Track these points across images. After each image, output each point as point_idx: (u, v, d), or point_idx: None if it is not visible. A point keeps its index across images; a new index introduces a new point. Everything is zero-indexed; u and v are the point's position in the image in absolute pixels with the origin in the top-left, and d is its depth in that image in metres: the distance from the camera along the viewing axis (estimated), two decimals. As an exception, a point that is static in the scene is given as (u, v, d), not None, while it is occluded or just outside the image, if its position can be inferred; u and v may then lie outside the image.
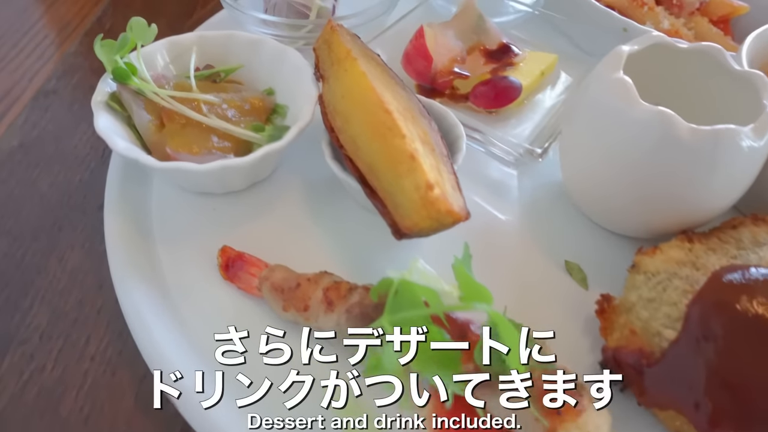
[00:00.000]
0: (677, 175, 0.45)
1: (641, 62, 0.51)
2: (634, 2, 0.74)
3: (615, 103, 0.47)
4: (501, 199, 0.60)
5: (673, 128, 0.44)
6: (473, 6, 0.70)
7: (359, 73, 0.52)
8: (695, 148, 0.44)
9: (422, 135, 0.49)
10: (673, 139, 0.44)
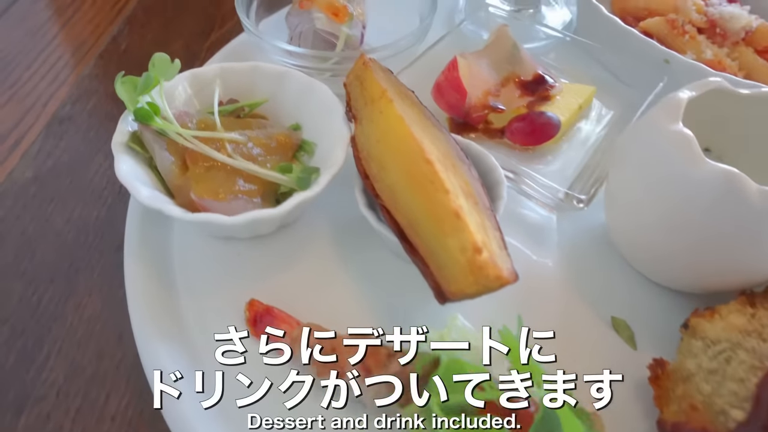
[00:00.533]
0: (741, 237, 0.42)
1: (697, 106, 0.48)
2: (674, 30, 0.70)
3: (674, 159, 0.44)
4: (539, 242, 0.57)
5: (741, 190, 0.41)
6: (507, 34, 0.67)
7: (396, 116, 0.49)
8: (764, 211, 0.41)
9: (464, 186, 0.46)
10: (741, 201, 0.41)
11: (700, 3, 0.71)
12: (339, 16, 0.63)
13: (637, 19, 0.77)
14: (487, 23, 0.75)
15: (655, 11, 0.75)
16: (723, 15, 0.69)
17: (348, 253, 0.54)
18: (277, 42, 0.62)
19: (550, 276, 0.54)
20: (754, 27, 0.69)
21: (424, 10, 0.70)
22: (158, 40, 0.81)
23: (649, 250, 0.49)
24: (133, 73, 0.76)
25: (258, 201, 0.52)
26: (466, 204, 0.44)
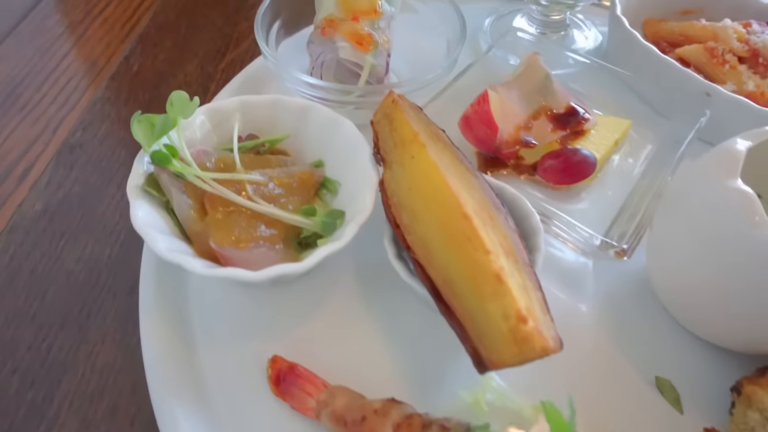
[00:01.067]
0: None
1: (752, 162, 0.45)
2: (713, 59, 0.67)
3: (733, 218, 0.41)
4: (573, 289, 0.54)
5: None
6: (539, 64, 0.64)
7: (430, 164, 0.46)
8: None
9: (503, 241, 0.43)
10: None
11: (742, 31, 0.68)
12: (364, 45, 0.60)
13: (671, 45, 0.74)
14: (514, 48, 0.72)
15: (693, 38, 0.72)
16: (766, 44, 0.65)
17: (375, 302, 0.51)
18: (299, 74, 0.59)
19: (586, 327, 0.51)
20: (798, 58, 0.65)
21: (452, 37, 0.67)
22: (171, 59, 0.78)
23: (697, 308, 0.46)
24: (146, 96, 0.74)
25: (280, 247, 0.49)
26: (507, 264, 0.41)
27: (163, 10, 0.85)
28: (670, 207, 0.48)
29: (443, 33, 0.69)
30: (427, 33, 0.70)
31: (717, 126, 0.64)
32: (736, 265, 0.41)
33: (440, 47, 0.70)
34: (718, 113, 0.62)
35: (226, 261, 0.47)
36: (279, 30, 0.68)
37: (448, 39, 0.68)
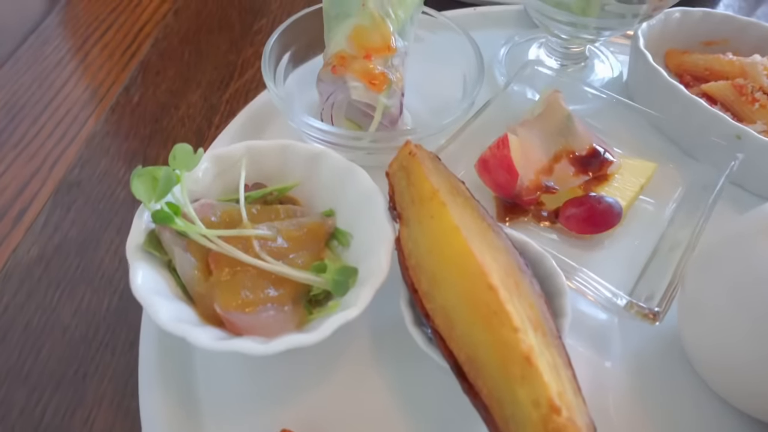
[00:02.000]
0: None
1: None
2: (742, 96, 0.64)
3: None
4: (599, 348, 0.51)
5: None
6: (560, 103, 0.61)
7: (452, 227, 0.43)
8: None
9: (530, 312, 0.40)
10: None
11: (772, 68, 0.65)
12: (377, 84, 0.57)
13: (695, 78, 0.71)
14: (532, 81, 0.69)
15: (719, 73, 0.69)
16: (797, 83, 0.62)
17: (391, 369, 0.48)
18: (309, 119, 0.56)
19: (611, 390, 0.48)
20: (833, 98, 0.62)
21: (468, 73, 0.64)
22: (174, 89, 0.75)
23: (735, 377, 0.43)
24: (146, 130, 0.70)
25: (289, 308, 0.46)
26: (537, 340, 0.38)
27: (165, 36, 0.83)
28: (706, 267, 0.45)
29: (458, 65, 0.67)
30: (439, 65, 0.67)
31: (749, 170, 0.61)
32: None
33: (454, 80, 0.67)
34: (750, 156, 0.59)
35: (232, 326, 0.44)
36: (288, 63, 0.65)
37: (464, 75, 0.65)
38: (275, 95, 0.58)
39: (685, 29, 0.73)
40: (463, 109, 0.59)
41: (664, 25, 0.72)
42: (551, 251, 0.51)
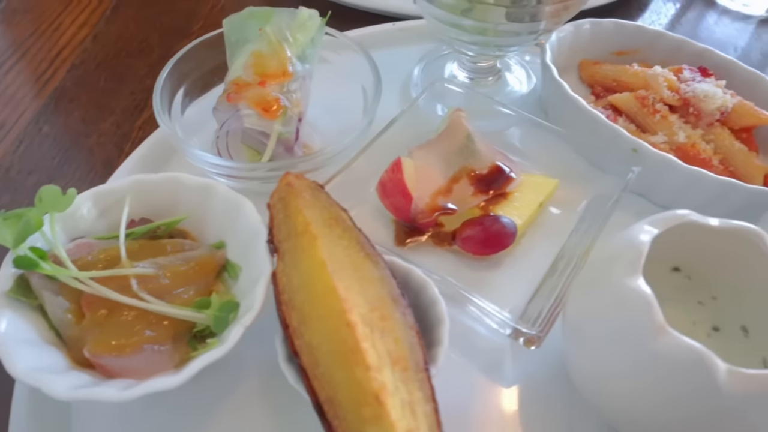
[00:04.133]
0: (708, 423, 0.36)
1: (668, 237, 0.42)
2: (644, 108, 0.64)
3: (632, 321, 0.38)
4: (492, 371, 0.51)
5: (706, 371, 0.34)
6: (461, 122, 0.61)
7: (319, 262, 0.43)
8: (735, 397, 0.35)
9: (393, 348, 0.40)
10: (706, 384, 0.35)
11: (673, 79, 0.65)
12: (270, 112, 0.57)
13: (606, 89, 0.72)
14: (443, 97, 0.69)
15: (625, 84, 0.69)
16: (697, 94, 0.62)
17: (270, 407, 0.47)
18: (201, 153, 0.55)
19: (501, 415, 0.48)
20: (730, 107, 0.63)
21: (369, 93, 0.63)
22: (87, 118, 0.74)
23: (611, 405, 0.43)
24: (53, 162, 0.69)
25: (167, 348, 0.46)
26: (393, 378, 0.38)
27: (82, 62, 0.82)
28: (582, 288, 0.45)
29: (359, 84, 0.66)
30: (346, 85, 0.67)
31: (650, 182, 0.61)
32: (636, 372, 0.38)
33: (359, 100, 0.67)
34: (647, 169, 0.59)
35: (104, 370, 0.43)
36: (191, 91, 0.65)
37: (366, 94, 0.65)
38: (166, 129, 0.57)
39: (597, 40, 0.74)
40: (361, 129, 0.59)
41: (575, 37, 0.72)
42: (445, 276, 0.51)
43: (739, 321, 0.46)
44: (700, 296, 0.48)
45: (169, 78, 0.61)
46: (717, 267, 0.46)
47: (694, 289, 0.48)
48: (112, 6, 0.90)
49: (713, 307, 0.47)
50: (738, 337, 0.46)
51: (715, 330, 0.46)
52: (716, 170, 0.61)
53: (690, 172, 0.57)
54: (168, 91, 0.61)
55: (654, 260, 0.48)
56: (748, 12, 0.96)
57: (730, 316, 0.46)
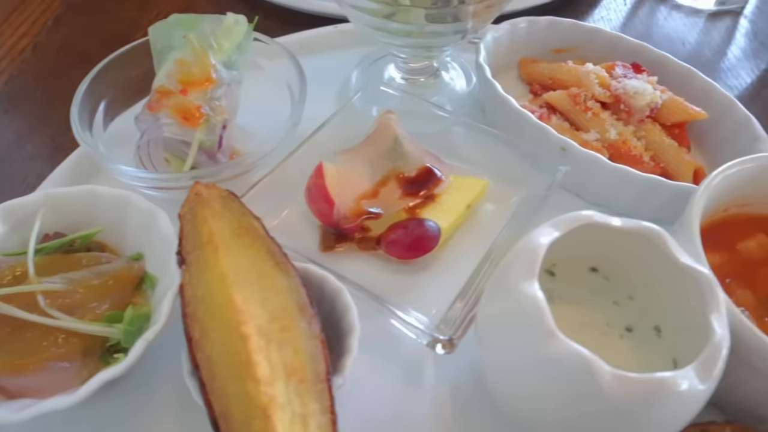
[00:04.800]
0: (595, 426, 0.36)
1: (584, 237, 0.42)
2: (577, 106, 0.64)
3: (526, 326, 0.37)
4: (414, 378, 0.50)
5: (592, 377, 0.34)
6: (389, 125, 0.60)
7: (219, 273, 0.42)
8: (620, 401, 0.34)
9: (291, 359, 0.40)
10: (591, 388, 0.34)
11: (604, 76, 0.64)
12: (191, 120, 0.56)
13: (544, 88, 0.71)
14: (378, 99, 0.68)
15: (560, 82, 0.69)
16: (627, 90, 0.62)
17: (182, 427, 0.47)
18: (121, 167, 0.54)
19: (420, 423, 0.48)
20: (659, 104, 0.62)
21: (296, 97, 0.63)
22: (22, 131, 0.73)
23: (517, 412, 0.43)
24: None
25: (74, 365, 0.45)
26: (286, 390, 0.38)
27: (20, 73, 0.81)
28: (487, 296, 0.44)
29: (288, 88, 0.65)
30: (278, 88, 0.66)
31: (581, 180, 0.61)
32: (531, 376, 0.38)
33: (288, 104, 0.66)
34: (576, 168, 0.58)
35: (4, 390, 0.43)
36: (112, 105, 0.63)
37: (294, 97, 0.64)
38: (86, 147, 0.56)
39: (535, 38, 0.73)
40: (285, 132, 0.59)
41: (511, 35, 0.72)
42: (364, 282, 0.50)
43: (654, 321, 0.46)
44: (617, 296, 0.47)
45: (89, 92, 0.60)
46: (630, 267, 0.46)
47: (611, 290, 0.48)
48: (55, 16, 0.90)
49: (630, 308, 0.47)
50: (651, 338, 0.45)
51: (629, 331, 0.46)
52: (647, 167, 0.61)
53: (616, 170, 0.57)
54: (89, 105, 0.60)
55: (572, 261, 0.49)
56: (698, 6, 0.96)
57: (645, 316, 0.46)
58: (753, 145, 0.60)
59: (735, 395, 0.45)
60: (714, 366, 0.35)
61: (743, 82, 0.85)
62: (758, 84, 0.84)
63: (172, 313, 0.45)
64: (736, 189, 0.51)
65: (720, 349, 0.35)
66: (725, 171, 0.50)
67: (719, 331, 0.36)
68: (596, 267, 0.48)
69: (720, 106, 0.64)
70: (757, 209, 0.54)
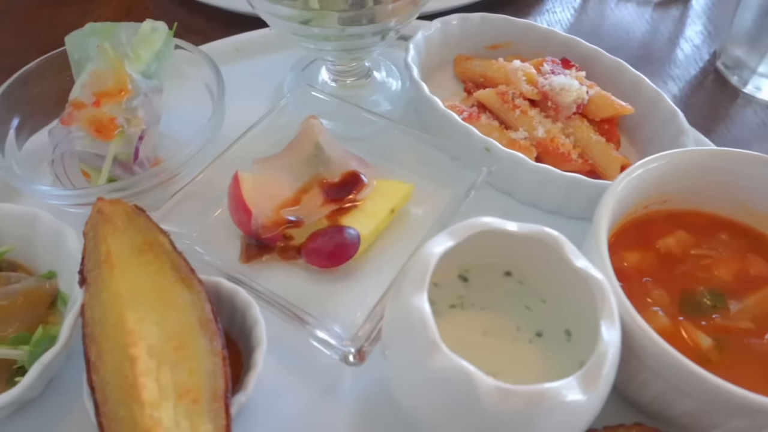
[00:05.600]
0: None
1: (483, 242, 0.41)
2: (505, 104, 0.63)
3: (414, 337, 0.37)
4: (331, 391, 0.49)
5: (473, 390, 0.34)
6: (311, 132, 0.59)
7: (113, 292, 0.41)
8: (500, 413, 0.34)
9: (185, 380, 0.39)
10: (472, 401, 0.34)
11: (532, 72, 0.64)
12: (104, 132, 0.55)
13: (477, 86, 0.70)
14: (308, 102, 0.67)
15: (490, 79, 0.68)
16: (553, 87, 0.61)
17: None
18: (34, 186, 0.53)
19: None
20: (586, 99, 0.62)
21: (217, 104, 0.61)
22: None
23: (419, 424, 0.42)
24: None
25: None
26: (174, 412, 0.37)
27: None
28: (389, 306, 0.43)
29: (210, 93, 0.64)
30: (205, 98, 0.65)
31: (507, 179, 0.60)
32: (420, 388, 0.37)
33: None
34: (502, 168, 0.58)
35: None
36: (27, 121, 0.62)
37: (210, 90, 0.63)
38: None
39: (468, 35, 0.72)
40: (203, 140, 0.58)
41: (444, 33, 0.71)
42: (290, 292, 0.50)
43: (564, 325, 0.45)
44: (530, 300, 0.47)
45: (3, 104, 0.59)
46: (540, 271, 0.45)
47: (524, 294, 0.47)
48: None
49: (542, 311, 0.46)
50: (561, 342, 0.45)
51: (539, 336, 0.45)
52: (575, 164, 0.60)
53: (538, 169, 0.56)
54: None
55: (486, 265, 0.48)
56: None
57: (557, 320, 0.46)
58: (678, 139, 0.59)
59: (645, 396, 0.44)
60: (598, 375, 0.34)
61: (689, 72, 0.84)
62: (701, 75, 0.84)
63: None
64: (654, 186, 0.51)
65: (605, 358, 0.35)
66: (639, 169, 0.49)
67: (605, 338, 0.36)
68: (510, 271, 0.48)
69: (648, 100, 0.63)
70: (677, 205, 0.53)
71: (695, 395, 0.39)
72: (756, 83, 0.78)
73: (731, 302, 0.48)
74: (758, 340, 0.46)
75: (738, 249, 0.52)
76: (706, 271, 0.50)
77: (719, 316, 0.47)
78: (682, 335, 0.46)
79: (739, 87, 0.79)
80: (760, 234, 0.52)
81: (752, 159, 0.50)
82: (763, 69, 0.76)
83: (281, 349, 0.50)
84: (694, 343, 0.45)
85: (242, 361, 0.47)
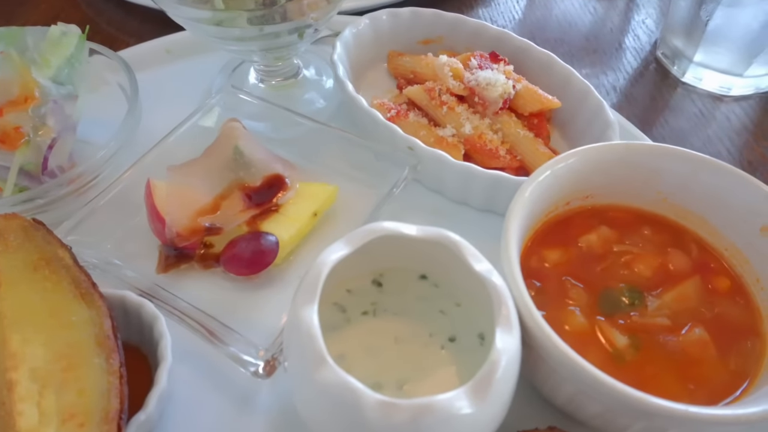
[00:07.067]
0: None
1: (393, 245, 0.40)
2: (433, 100, 0.62)
3: (303, 349, 0.35)
4: (247, 404, 0.48)
5: (357, 404, 0.32)
6: (231, 135, 0.58)
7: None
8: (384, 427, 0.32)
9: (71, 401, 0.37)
10: (358, 416, 0.33)
11: (458, 68, 0.62)
12: (8, 142, 0.53)
13: (408, 82, 0.69)
14: (235, 105, 0.65)
15: (420, 75, 0.66)
16: (480, 82, 0.60)
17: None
18: None
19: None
20: (512, 94, 0.60)
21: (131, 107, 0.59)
22: None
23: None
24: None
25: None
26: (55, 439, 0.35)
27: None
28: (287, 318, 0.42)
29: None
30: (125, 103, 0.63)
31: (434, 178, 0.59)
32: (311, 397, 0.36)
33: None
34: (427, 166, 0.57)
35: None
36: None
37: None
38: None
39: (399, 30, 0.71)
40: (116, 145, 0.56)
41: (374, 29, 0.69)
42: (208, 302, 0.48)
43: (478, 329, 0.44)
44: (445, 304, 0.46)
45: None
46: (450, 274, 0.44)
47: (439, 297, 0.46)
48: None
49: (456, 315, 0.45)
50: (474, 346, 0.44)
51: (452, 341, 0.44)
52: (503, 160, 0.59)
53: (461, 168, 0.55)
54: None
55: (401, 269, 0.47)
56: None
57: (470, 323, 0.44)
58: (605, 133, 0.58)
59: (559, 399, 0.44)
60: (488, 385, 0.33)
61: (631, 64, 0.83)
62: (642, 66, 0.83)
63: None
64: (572, 183, 0.50)
65: (497, 367, 0.34)
66: (546, 170, 0.48)
67: (498, 346, 0.35)
68: (425, 274, 0.47)
69: (578, 93, 0.63)
70: (600, 200, 0.52)
71: (599, 399, 0.38)
72: (695, 73, 0.77)
73: (650, 299, 0.47)
74: (674, 336, 0.45)
75: (660, 244, 0.51)
76: (627, 267, 0.49)
77: (637, 313, 0.47)
78: (597, 335, 0.45)
79: (678, 77, 0.79)
80: (682, 227, 0.52)
81: (667, 152, 0.49)
82: (699, 58, 0.75)
83: (195, 361, 0.49)
84: (609, 343, 0.45)
85: (152, 377, 0.46)
